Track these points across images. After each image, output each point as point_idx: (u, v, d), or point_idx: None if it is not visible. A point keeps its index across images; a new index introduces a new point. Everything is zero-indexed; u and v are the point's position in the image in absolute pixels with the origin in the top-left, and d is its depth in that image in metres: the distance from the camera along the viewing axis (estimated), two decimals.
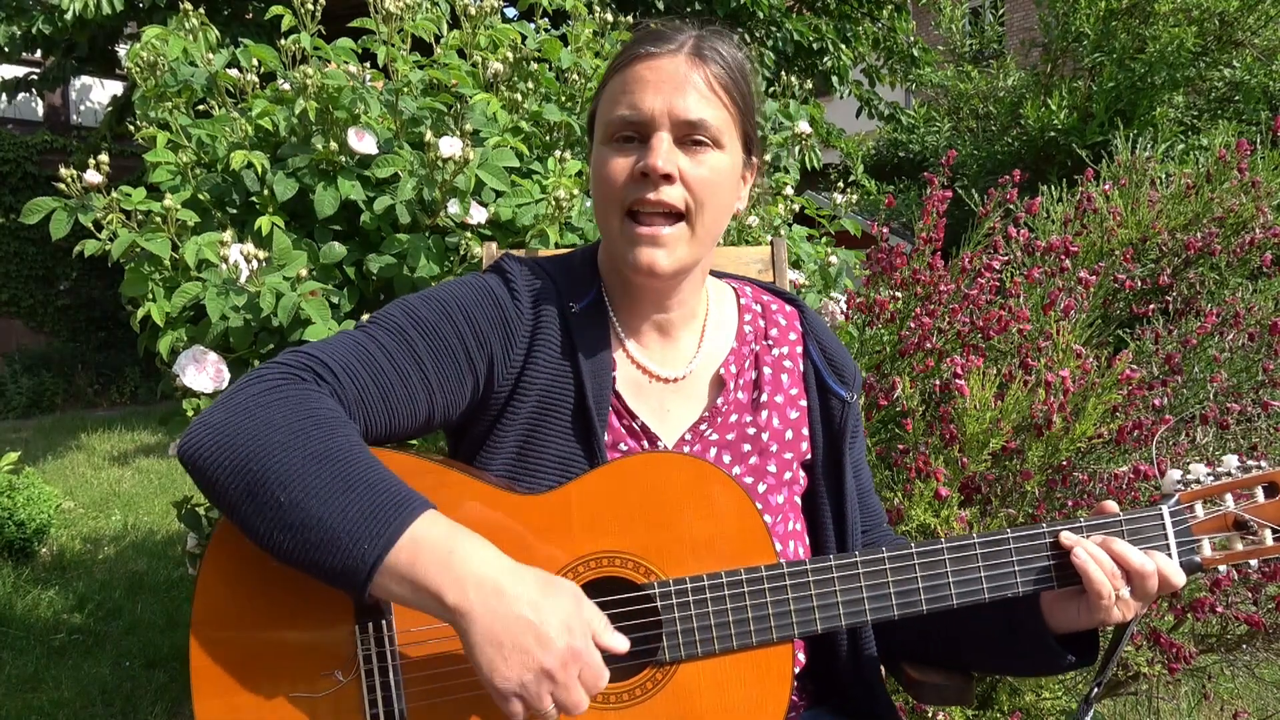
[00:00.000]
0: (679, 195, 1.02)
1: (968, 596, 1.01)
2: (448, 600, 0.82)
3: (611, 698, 0.95)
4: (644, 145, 1.02)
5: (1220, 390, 1.92)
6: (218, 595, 0.92)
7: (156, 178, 1.89)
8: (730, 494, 1.00)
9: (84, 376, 9.11)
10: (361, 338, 1.01)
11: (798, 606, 0.98)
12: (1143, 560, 0.99)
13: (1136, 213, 2.35)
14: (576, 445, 1.05)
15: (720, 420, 1.12)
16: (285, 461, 0.85)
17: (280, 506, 0.83)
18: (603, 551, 0.97)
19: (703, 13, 6.52)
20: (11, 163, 9.36)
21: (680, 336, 1.15)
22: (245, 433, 0.87)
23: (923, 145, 9.38)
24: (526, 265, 1.11)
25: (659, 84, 1.02)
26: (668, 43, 1.04)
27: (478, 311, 1.05)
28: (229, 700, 0.90)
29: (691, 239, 1.04)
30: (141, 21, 5.79)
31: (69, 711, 2.84)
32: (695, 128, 1.02)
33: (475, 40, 2.21)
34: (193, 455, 0.87)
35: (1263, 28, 6.99)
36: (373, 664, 0.92)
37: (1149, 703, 2.11)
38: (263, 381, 0.92)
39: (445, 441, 1.18)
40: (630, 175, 1.02)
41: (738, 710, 0.97)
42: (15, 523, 4.07)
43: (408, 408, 1.00)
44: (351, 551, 0.82)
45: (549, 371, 1.06)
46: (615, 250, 1.06)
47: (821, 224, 2.69)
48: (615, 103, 1.04)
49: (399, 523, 0.83)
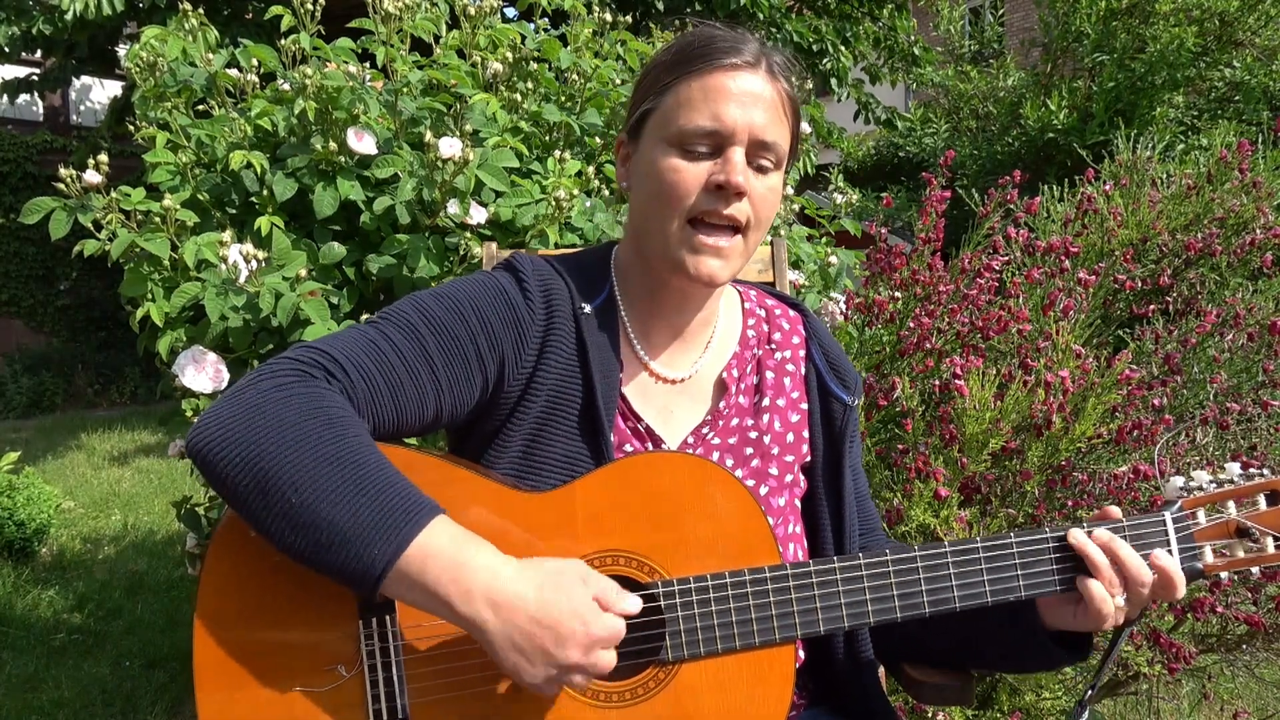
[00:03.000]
0: (745, 211, 1.03)
1: (971, 600, 1.02)
2: (458, 610, 0.84)
3: (614, 696, 0.95)
4: (715, 156, 1.02)
5: (1220, 390, 1.92)
6: (222, 590, 0.92)
7: (156, 178, 1.89)
8: (734, 494, 1.00)
9: (84, 376, 9.11)
10: (373, 334, 1.00)
11: (801, 607, 0.99)
12: (1144, 571, 0.99)
13: (1137, 213, 2.35)
14: (583, 445, 1.05)
15: (722, 424, 1.13)
16: (297, 461, 0.85)
17: (291, 506, 0.84)
18: (606, 550, 0.97)
19: (702, 13, 6.52)
20: (11, 163, 9.36)
21: (691, 340, 1.15)
22: (257, 429, 0.86)
23: (920, 147, 9.38)
24: (538, 262, 1.11)
25: (741, 98, 1.01)
26: (742, 55, 1.03)
27: (491, 311, 1.04)
28: (232, 695, 0.90)
29: (744, 252, 1.06)
30: (141, 22, 5.79)
31: (69, 711, 2.85)
32: (766, 149, 1.03)
33: (475, 40, 2.21)
34: (203, 449, 0.87)
35: (1263, 28, 6.99)
36: (375, 659, 0.92)
37: (1149, 703, 2.10)
38: (274, 377, 0.92)
39: (445, 438, 1.17)
40: (705, 186, 1.02)
41: (740, 710, 0.97)
42: (15, 523, 4.07)
43: (416, 405, 1.00)
44: (362, 555, 0.83)
45: (559, 372, 1.06)
46: (664, 251, 1.05)
47: (821, 224, 2.69)
48: (693, 109, 1.02)
49: (410, 528, 0.84)
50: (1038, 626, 1.05)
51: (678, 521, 0.98)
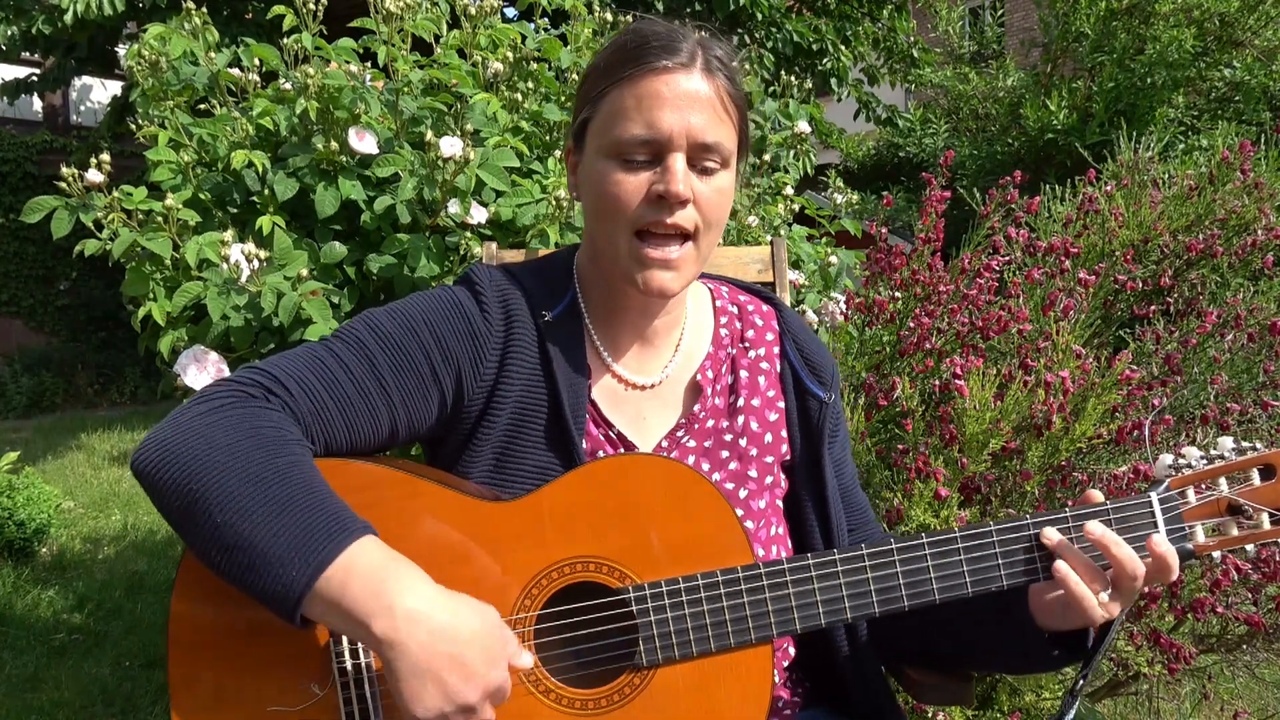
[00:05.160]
0: (691, 218, 1.00)
1: (950, 591, 0.99)
2: (375, 629, 0.81)
3: (589, 704, 0.94)
4: (655, 165, 0.99)
5: (1221, 391, 1.92)
6: (193, 609, 0.91)
7: (157, 176, 1.89)
8: (704, 495, 0.98)
9: (84, 376, 9.11)
10: (320, 351, 1.00)
11: (775, 606, 0.96)
12: (1135, 564, 0.96)
13: (1138, 213, 2.34)
14: (554, 455, 1.04)
15: (698, 427, 1.11)
16: (222, 482, 0.84)
17: (216, 527, 0.83)
18: (576, 557, 0.95)
19: (702, 14, 6.52)
20: (11, 163, 9.37)
21: (659, 343, 1.13)
22: (189, 452, 0.87)
23: (920, 147, 9.37)
24: (496, 274, 1.09)
25: (675, 102, 0.98)
26: (676, 54, 1.00)
27: (444, 325, 1.03)
28: (206, 716, 0.90)
29: (697, 258, 1.04)
30: (141, 21, 5.79)
31: (69, 711, 2.85)
32: (709, 150, 1.00)
33: (475, 40, 2.21)
34: (142, 470, 0.88)
35: (1263, 28, 6.98)
36: (349, 677, 0.91)
37: (1149, 703, 2.10)
38: (209, 400, 0.92)
39: (422, 450, 1.17)
40: (645, 198, 0.99)
41: (718, 712, 0.95)
42: (15, 523, 4.07)
43: (368, 422, 0.99)
44: (280, 576, 0.81)
45: (523, 383, 1.04)
46: (617, 265, 1.03)
47: (821, 224, 2.69)
48: (626, 118, 0.99)
49: (331, 549, 0.82)
50: (1030, 627, 1.03)
51: (648, 525, 0.96)
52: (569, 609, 0.95)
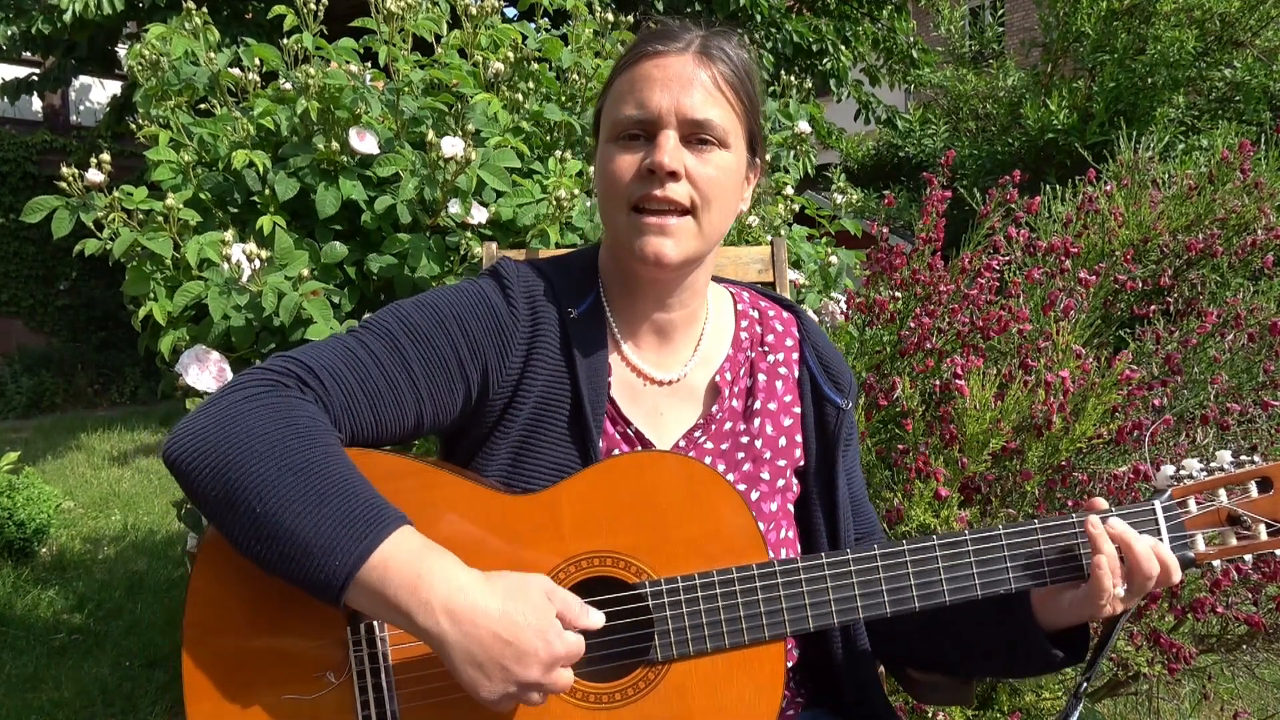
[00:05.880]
0: (685, 192, 1.02)
1: (960, 593, 1.01)
2: (418, 622, 0.83)
3: (604, 698, 0.95)
4: (650, 143, 1.02)
5: (1221, 391, 1.92)
6: (210, 598, 0.92)
7: (158, 176, 1.90)
8: (721, 493, 0.99)
9: (84, 376, 9.11)
10: (351, 343, 1.00)
11: (789, 604, 0.98)
12: (1151, 562, 0.98)
13: (1138, 213, 2.35)
14: (572, 450, 1.05)
15: (715, 428, 1.12)
16: (262, 472, 0.85)
17: (256, 517, 0.84)
18: (593, 551, 0.97)
19: (702, 13, 6.52)
20: (11, 163, 9.36)
21: (678, 339, 1.14)
22: (226, 440, 0.87)
23: (919, 148, 9.38)
24: (523, 268, 1.10)
25: (666, 82, 1.01)
26: (674, 41, 1.04)
27: (472, 319, 1.04)
28: (221, 704, 0.90)
29: (698, 233, 1.04)
30: (141, 21, 5.79)
31: (69, 711, 2.84)
32: (702, 127, 1.02)
33: (476, 40, 2.21)
34: (176, 459, 0.88)
35: (1263, 28, 6.99)
36: (364, 665, 0.91)
37: (1149, 703, 2.11)
38: (245, 388, 0.92)
39: (438, 444, 1.17)
40: (637, 172, 1.02)
41: (730, 709, 0.96)
42: (15, 523, 4.07)
43: (396, 414, 1.00)
44: (324, 566, 0.83)
45: (546, 377, 1.05)
46: (621, 242, 1.05)
47: (821, 224, 2.69)
48: (622, 101, 1.04)
49: (370, 540, 0.83)
50: (1032, 627, 1.04)
51: (665, 521, 0.98)
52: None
